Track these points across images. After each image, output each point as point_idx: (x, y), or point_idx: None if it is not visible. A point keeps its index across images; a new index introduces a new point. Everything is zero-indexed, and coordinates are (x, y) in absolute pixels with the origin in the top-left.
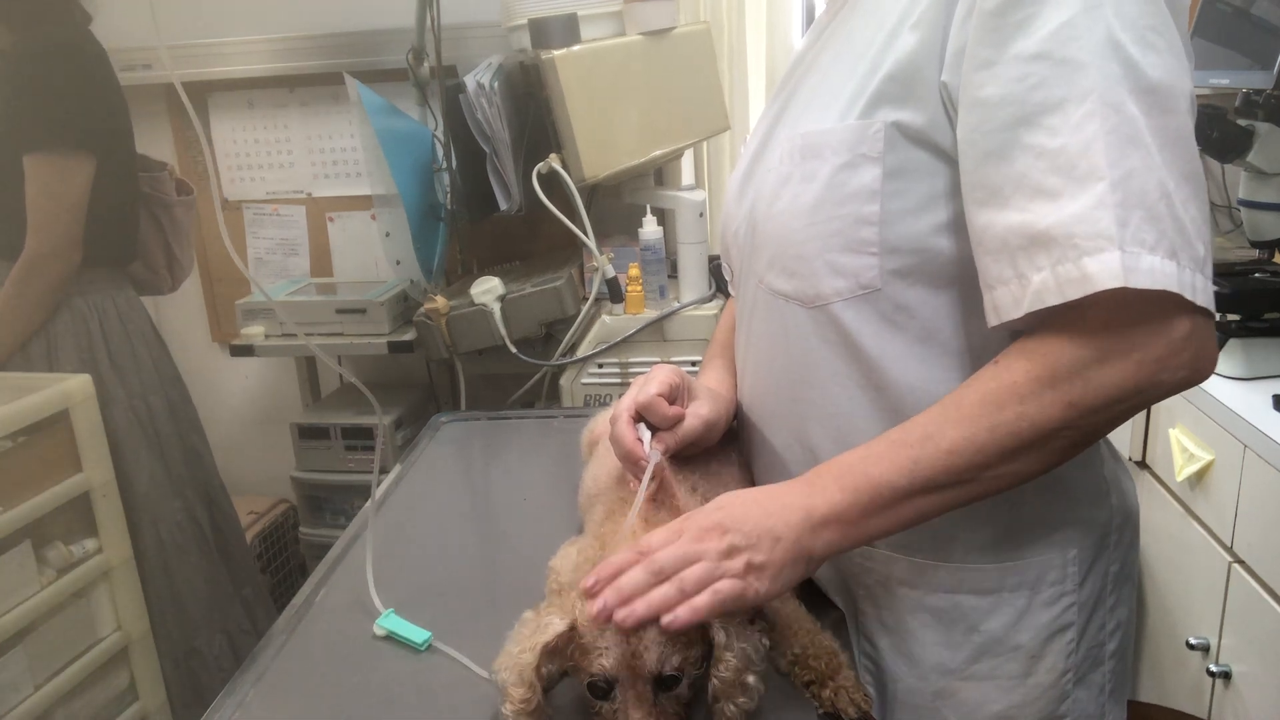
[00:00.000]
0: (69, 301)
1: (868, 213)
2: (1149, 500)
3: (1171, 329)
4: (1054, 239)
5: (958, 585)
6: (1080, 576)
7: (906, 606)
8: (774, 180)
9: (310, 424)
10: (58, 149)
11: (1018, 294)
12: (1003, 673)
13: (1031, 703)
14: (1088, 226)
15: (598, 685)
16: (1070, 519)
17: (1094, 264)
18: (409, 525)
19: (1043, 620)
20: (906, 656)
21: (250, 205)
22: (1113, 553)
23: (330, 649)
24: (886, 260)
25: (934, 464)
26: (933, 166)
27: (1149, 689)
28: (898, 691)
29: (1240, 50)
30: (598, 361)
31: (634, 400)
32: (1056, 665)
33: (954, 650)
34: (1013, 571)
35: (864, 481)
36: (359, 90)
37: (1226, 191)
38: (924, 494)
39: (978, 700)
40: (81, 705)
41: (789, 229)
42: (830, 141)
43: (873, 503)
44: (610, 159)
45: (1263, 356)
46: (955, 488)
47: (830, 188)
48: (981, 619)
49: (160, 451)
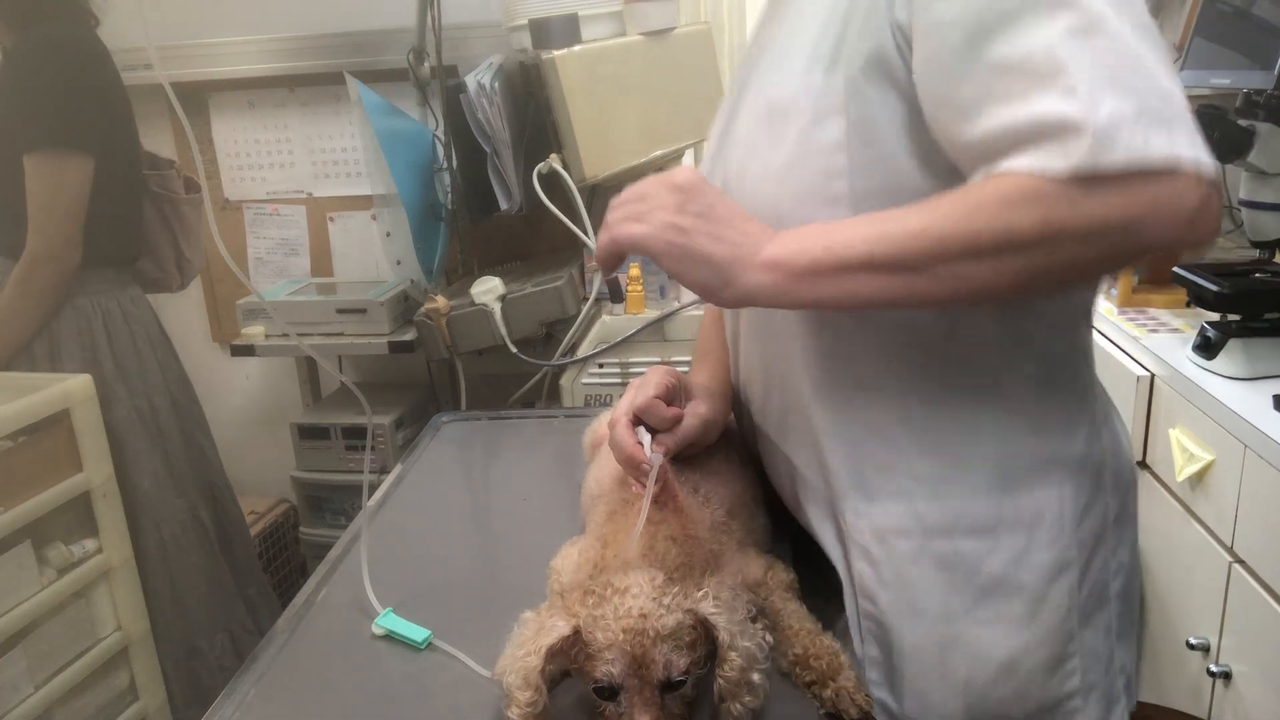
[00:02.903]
0: (73, 301)
1: (837, 165)
2: (1149, 500)
3: (1167, 182)
4: (1033, 132)
5: (955, 528)
6: (1078, 514)
7: (905, 557)
8: (742, 150)
9: (310, 424)
10: (56, 148)
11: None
12: (1008, 615)
13: (1039, 645)
14: (1068, 111)
15: (603, 688)
16: (1063, 456)
17: (1079, 145)
18: (410, 525)
19: (1043, 559)
20: (910, 609)
21: (251, 205)
22: (1110, 493)
23: (331, 648)
24: (859, 207)
25: (894, 240)
26: (895, 107)
27: (1149, 689)
28: (904, 648)
29: (1240, 50)
30: (598, 361)
31: (632, 404)
32: (1061, 605)
33: (957, 596)
34: (1009, 511)
35: (820, 240)
36: (359, 90)
37: (1227, 191)
38: (873, 271)
39: (985, 647)
40: (81, 705)
41: (762, 194)
42: (795, 102)
43: (820, 263)
44: (610, 159)
45: (1263, 356)
46: (906, 273)
47: (799, 146)
48: (981, 561)
49: (164, 451)
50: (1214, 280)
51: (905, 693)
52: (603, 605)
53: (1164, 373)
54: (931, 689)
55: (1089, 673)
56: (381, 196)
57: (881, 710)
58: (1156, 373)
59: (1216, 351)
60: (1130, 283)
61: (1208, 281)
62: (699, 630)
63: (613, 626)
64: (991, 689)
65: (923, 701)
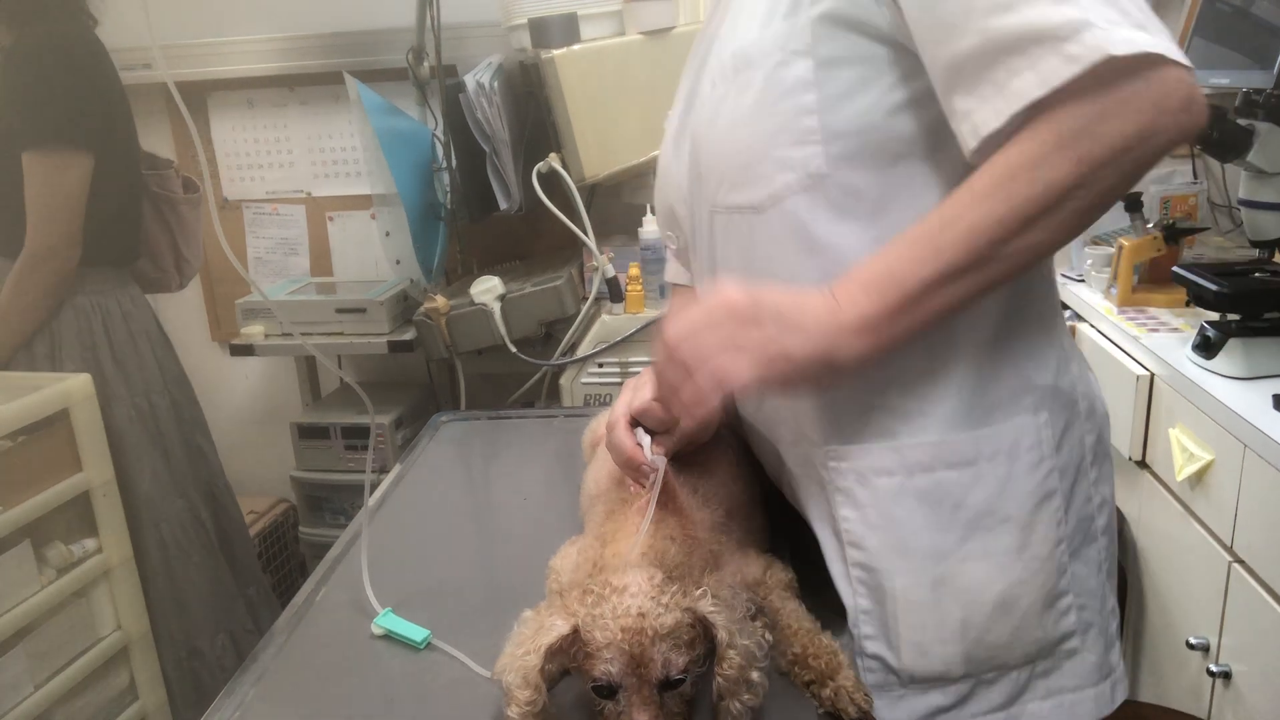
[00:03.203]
0: (72, 300)
1: (806, 102)
2: (1149, 500)
3: (1159, 78)
4: (1026, 39)
5: (936, 461)
6: (1055, 441)
7: (890, 496)
8: (709, 106)
9: (310, 423)
10: (54, 147)
11: (998, 105)
12: (997, 548)
13: (1032, 578)
14: (1058, 17)
15: (602, 687)
16: (1035, 383)
17: (1074, 46)
18: (409, 525)
19: (1026, 487)
20: (899, 549)
21: (250, 205)
22: (1085, 421)
23: (331, 648)
24: (830, 146)
25: (957, 246)
26: (863, 48)
27: (1149, 689)
28: (896, 591)
29: (1240, 50)
30: (598, 361)
31: (629, 406)
32: (1049, 535)
33: (944, 532)
34: (987, 440)
35: (889, 281)
36: (359, 90)
37: (1226, 191)
38: (950, 282)
39: (978, 583)
40: (81, 705)
41: (733, 138)
42: (761, 48)
43: (902, 301)
44: (610, 159)
45: (1263, 356)
46: (979, 270)
47: (767, 88)
48: (965, 493)
49: (163, 450)
50: (1214, 280)
51: (902, 643)
52: (601, 604)
53: (1164, 372)
54: (928, 635)
55: (1085, 610)
56: (381, 196)
57: (880, 666)
58: (1156, 372)
59: (1216, 351)
60: (1130, 282)
61: (1207, 281)
62: (698, 629)
63: (611, 626)
64: (988, 630)
65: (920, 650)
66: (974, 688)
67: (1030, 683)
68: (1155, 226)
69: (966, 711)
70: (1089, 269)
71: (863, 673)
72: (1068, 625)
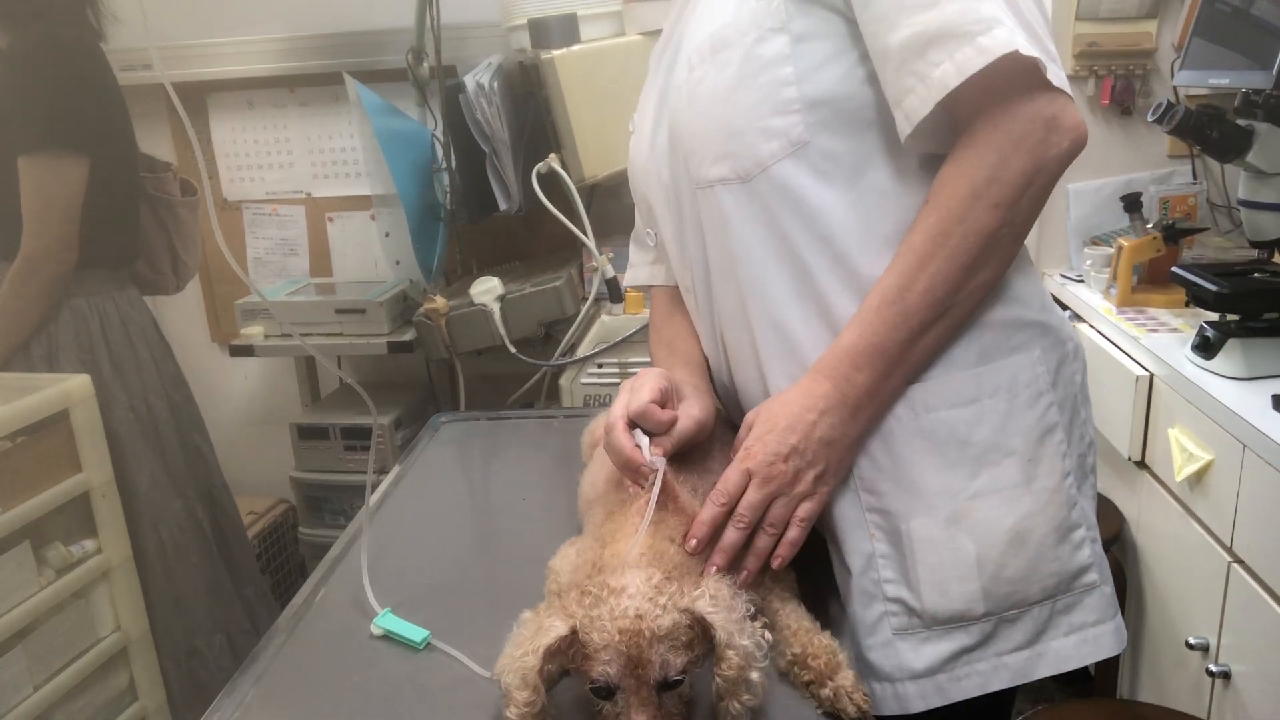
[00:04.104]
0: (69, 302)
1: (785, 74)
2: (1148, 500)
3: (1040, 108)
4: (945, 34)
5: (940, 401)
6: (1051, 377)
7: (897, 438)
8: (688, 88)
9: (309, 424)
10: (51, 150)
11: (923, 93)
12: (1005, 482)
13: (1041, 509)
14: (973, 14)
15: (600, 688)
16: (1026, 321)
17: (987, 40)
18: (408, 525)
19: (1028, 421)
20: (911, 490)
21: (250, 205)
22: (1073, 361)
23: (330, 649)
24: (809, 114)
25: (921, 307)
26: (831, 23)
27: (1149, 689)
28: (911, 532)
29: (1240, 50)
30: (597, 361)
31: (627, 408)
32: (1055, 467)
33: (952, 470)
34: (987, 377)
35: (875, 353)
36: (358, 90)
37: (1226, 191)
38: (924, 334)
39: (990, 518)
40: (81, 705)
41: (715, 113)
42: (738, 28)
43: (890, 366)
44: (610, 159)
45: (1262, 356)
46: (946, 316)
47: (746, 64)
48: (969, 430)
49: (161, 452)
50: (1213, 280)
51: (921, 584)
52: (599, 606)
53: (1163, 372)
54: (945, 574)
55: (1099, 544)
56: (380, 196)
57: (902, 609)
58: (1155, 372)
59: (1215, 351)
60: (1130, 283)
61: (1207, 281)
62: (696, 629)
63: (609, 627)
64: (1004, 565)
65: (940, 590)
66: (997, 626)
67: (1052, 619)
68: (1155, 227)
69: (990, 650)
70: (1088, 269)
71: (886, 618)
72: (1083, 558)
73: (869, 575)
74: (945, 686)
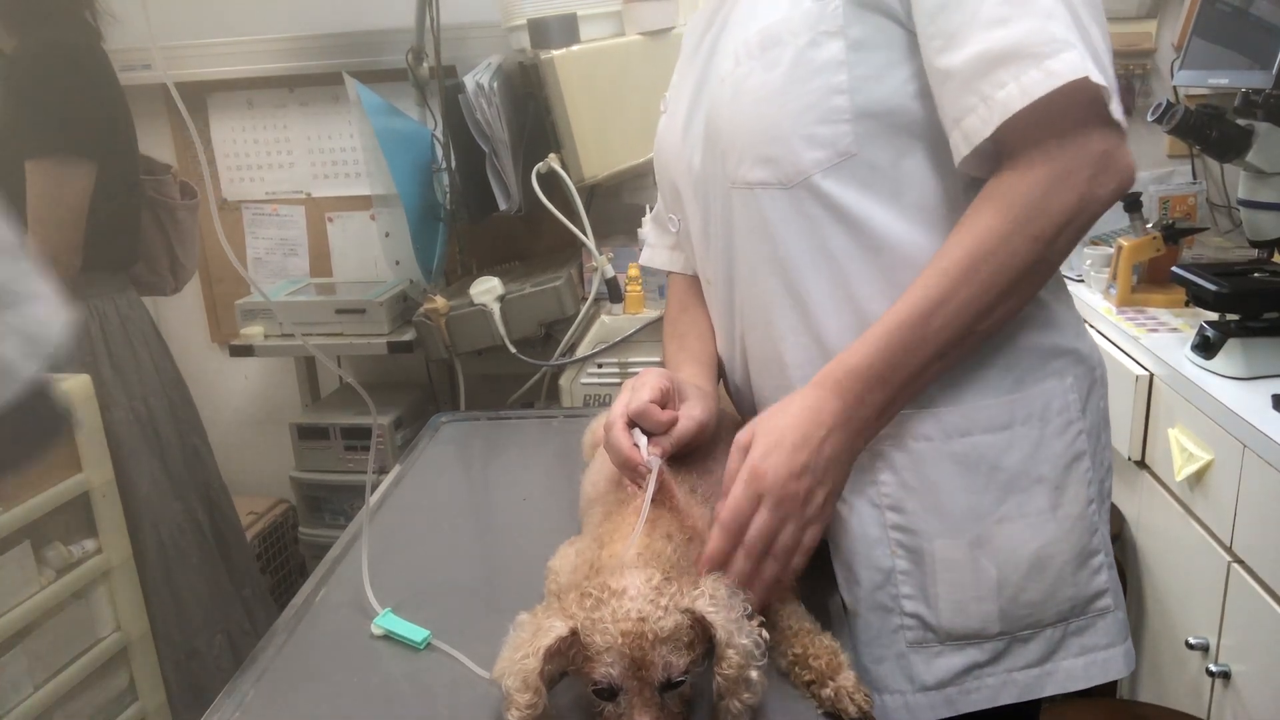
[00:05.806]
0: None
1: (837, 82)
2: (1148, 500)
3: (1095, 144)
4: (1014, 54)
5: (972, 426)
6: (1081, 404)
7: (928, 461)
8: (732, 82)
9: (309, 424)
10: (58, 155)
11: (985, 115)
12: (1031, 509)
13: (1064, 536)
14: (1044, 35)
15: (603, 689)
16: (1063, 348)
17: (1056, 63)
18: (408, 525)
19: (1057, 449)
20: (937, 511)
21: (249, 205)
22: (1100, 387)
23: (331, 649)
24: (859, 125)
25: (943, 332)
26: (890, 32)
27: (1149, 689)
28: (935, 552)
29: (1240, 50)
30: (597, 361)
31: (627, 408)
32: (1080, 495)
33: (981, 494)
34: (1020, 404)
35: (894, 371)
36: (358, 90)
37: (1226, 191)
38: (939, 360)
39: (1013, 543)
40: (81, 705)
41: (760, 114)
42: (790, 27)
43: (902, 388)
44: (610, 159)
45: (1263, 356)
46: (965, 340)
47: (796, 66)
48: (1000, 456)
49: (161, 453)
50: (1213, 280)
51: (940, 602)
52: (600, 608)
53: (1163, 372)
54: (965, 594)
55: (1115, 569)
56: (380, 197)
57: (918, 624)
58: (1155, 372)
59: (1215, 351)
60: (1129, 283)
61: (1207, 281)
62: (696, 629)
63: (611, 630)
64: (1023, 589)
65: (958, 608)
66: (1009, 644)
67: (1064, 640)
68: (1154, 227)
69: (1001, 667)
70: (1088, 269)
71: (901, 631)
72: (1100, 583)
73: (886, 590)
74: (954, 699)
